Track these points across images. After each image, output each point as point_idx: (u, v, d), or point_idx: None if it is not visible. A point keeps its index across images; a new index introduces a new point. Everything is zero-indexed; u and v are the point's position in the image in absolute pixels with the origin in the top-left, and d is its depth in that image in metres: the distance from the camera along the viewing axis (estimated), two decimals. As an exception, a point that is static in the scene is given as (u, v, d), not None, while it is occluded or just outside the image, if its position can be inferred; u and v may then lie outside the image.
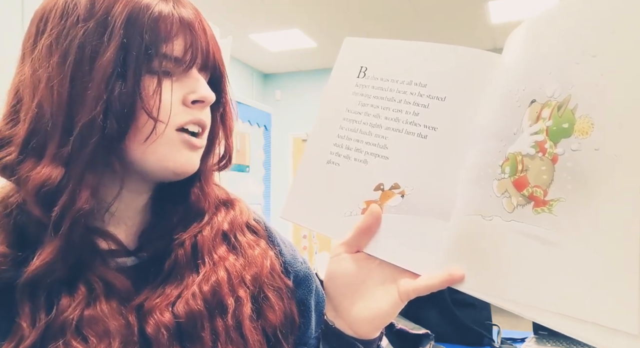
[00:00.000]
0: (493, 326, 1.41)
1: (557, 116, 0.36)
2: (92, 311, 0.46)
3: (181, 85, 0.50)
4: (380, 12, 4.28)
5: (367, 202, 0.53)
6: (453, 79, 0.51)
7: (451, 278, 0.44)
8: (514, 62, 0.43)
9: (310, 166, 0.57)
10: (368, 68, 0.57)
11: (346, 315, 0.51)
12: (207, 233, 0.54)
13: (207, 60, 0.52)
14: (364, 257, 0.51)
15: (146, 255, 0.53)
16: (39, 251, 0.45)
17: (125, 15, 0.46)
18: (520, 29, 0.44)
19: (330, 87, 0.58)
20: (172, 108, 0.48)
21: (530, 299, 0.37)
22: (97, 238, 0.49)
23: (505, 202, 0.40)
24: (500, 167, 0.41)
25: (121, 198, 0.51)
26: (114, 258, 0.51)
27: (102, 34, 0.46)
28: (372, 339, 0.52)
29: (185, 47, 0.49)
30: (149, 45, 0.46)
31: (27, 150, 0.46)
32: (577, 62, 0.35)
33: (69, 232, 0.45)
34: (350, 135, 0.55)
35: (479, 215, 0.43)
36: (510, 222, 0.39)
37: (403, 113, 0.53)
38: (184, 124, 0.50)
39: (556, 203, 0.35)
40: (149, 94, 0.47)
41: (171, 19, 0.47)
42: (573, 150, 0.35)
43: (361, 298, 0.50)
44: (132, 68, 0.45)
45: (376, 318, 0.50)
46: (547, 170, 0.36)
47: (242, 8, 4.23)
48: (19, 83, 0.48)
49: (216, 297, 0.50)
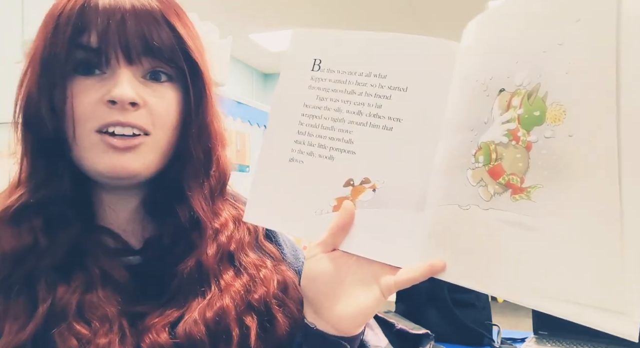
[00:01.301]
0: (493, 326, 1.43)
1: (528, 104, 0.37)
2: (90, 296, 0.47)
3: (104, 83, 0.48)
4: (379, 12, 4.28)
5: (338, 199, 0.52)
6: (413, 69, 0.51)
7: (432, 268, 0.44)
8: (479, 51, 0.44)
9: (271, 165, 0.55)
10: (322, 60, 0.55)
11: (328, 315, 0.50)
12: (211, 252, 0.53)
13: (130, 51, 0.48)
14: (340, 255, 0.50)
15: (151, 254, 0.53)
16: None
17: (56, 12, 0.48)
18: (482, 17, 0.44)
19: (283, 82, 0.56)
20: (91, 109, 0.47)
21: (513, 283, 0.38)
22: (103, 236, 0.52)
23: (481, 191, 0.41)
24: (474, 156, 0.42)
25: (110, 200, 0.53)
26: (119, 257, 0.51)
27: (44, 35, 0.48)
28: (355, 335, 0.52)
29: (99, 38, 0.47)
30: (71, 39, 0.47)
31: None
32: (544, 50, 0.36)
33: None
34: (312, 131, 0.53)
35: (455, 205, 0.43)
36: (488, 210, 0.40)
37: (365, 106, 0.52)
38: (101, 127, 0.48)
39: (534, 190, 0.36)
40: (72, 94, 0.47)
41: (88, 8, 0.47)
42: (546, 137, 0.35)
43: (342, 296, 0.50)
44: (56, 67, 0.47)
45: (359, 314, 0.50)
46: (522, 158, 0.37)
47: (242, 8, 4.17)
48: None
49: (221, 325, 0.49)
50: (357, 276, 0.50)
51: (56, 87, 0.47)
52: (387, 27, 4.80)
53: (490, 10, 0.44)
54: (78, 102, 0.47)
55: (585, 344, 1.32)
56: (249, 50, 5.28)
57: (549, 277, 0.35)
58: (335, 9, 4.27)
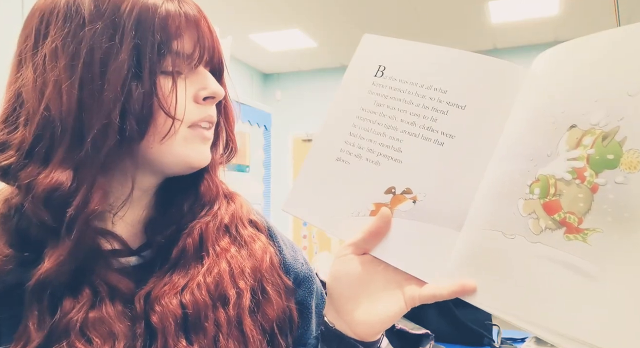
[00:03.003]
0: (493, 326, 1.42)
1: (602, 146, 0.36)
2: (96, 313, 0.45)
3: (191, 82, 0.50)
4: (380, 12, 4.24)
5: (377, 204, 0.51)
6: (475, 88, 0.50)
7: (462, 289, 0.44)
8: (553, 83, 0.43)
9: (317, 161, 0.55)
10: (387, 68, 0.55)
11: (348, 317, 0.50)
12: (212, 224, 0.54)
13: (214, 56, 0.53)
14: (370, 260, 0.50)
15: (149, 253, 0.52)
16: (48, 253, 0.44)
17: (135, 16, 0.45)
18: (562, 48, 0.43)
19: (345, 84, 0.56)
20: (186, 105, 0.49)
21: (553, 322, 0.37)
22: (101, 239, 0.49)
23: (531, 223, 0.40)
24: (529, 187, 0.41)
25: (131, 198, 0.51)
26: (117, 258, 0.50)
27: (112, 36, 0.45)
28: (373, 341, 0.51)
29: (194, 44, 0.49)
30: (161, 44, 0.46)
31: (32, 155, 0.45)
32: (630, 94, 0.35)
33: (79, 234, 0.44)
34: (363, 135, 0.53)
35: (499, 232, 0.43)
36: (536, 243, 0.39)
37: (420, 117, 0.51)
38: (197, 122, 0.51)
39: (592, 233, 0.36)
40: (165, 94, 0.47)
41: (178, 16, 0.48)
42: (617, 183, 0.35)
43: (365, 301, 0.50)
44: (147, 68, 0.45)
45: (379, 321, 0.49)
46: (584, 198, 0.36)
47: (242, 8, 4.14)
48: (20, 88, 0.46)
49: (219, 289, 0.51)
50: (383, 283, 0.50)
51: (149, 87, 0.46)
52: (390, 31, 4.78)
53: (571, 43, 0.43)
54: (171, 101, 0.47)
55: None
56: (249, 50, 5.25)
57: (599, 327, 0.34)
58: (336, 12, 4.25)
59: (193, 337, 0.48)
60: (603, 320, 0.34)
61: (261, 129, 2.69)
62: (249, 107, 2.59)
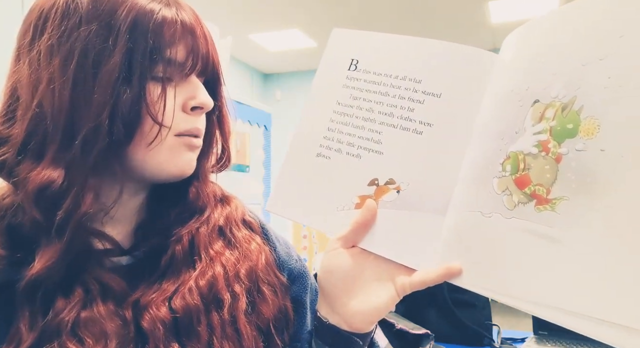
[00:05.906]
0: (493, 326, 1.42)
1: (562, 116, 0.37)
2: (88, 313, 0.46)
3: (181, 90, 0.50)
4: (380, 12, 4.29)
5: (361, 197, 0.52)
6: (449, 76, 0.51)
7: (448, 272, 0.45)
8: (516, 62, 0.44)
9: (298, 159, 0.56)
10: (359, 61, 0.56)
11: (342, 310, 0.51)
12: (203, 229, 0.54)
13: (207, 65, 0.52)
14: (359, 252, 0.51)
15: (141, 253, 0.52)
16: (39, 254, 0.45)
17: (131, 20, 0.45)
18: (522, 29, 0.45)
19: (318, 79, 0.57)
20: (174, 113, 0.49)
21: (532, 294, 0.38)
22: (92, 239, 0.49)
23: (506, 200, 0.41)
24: (501, 165, 0.42)
25: (120, 200, 0.51)
26: (108, 258, 0.50)
27: (107, 38, 0.45)
28: (367, 333, 0.52)
29: (187, 52, 0.49)
30: (154, 50, 0.46)
31: (26, 151, 0.45)
32: (584, 64, 0.36)
33: (71, 235, 0.45)
34: (342, 129, 0.54)
35: (478, 212, 0.43)
36: (510, 219, 0.40)
37: (397, 108, 0.52)
38: (184, 133, 0.50)
39: (559, 202, 0.36)
40: (153, 100, 0.47)
41: (174, 24, 0.47)
42: (578, 150, 0.35)
43: (358, 293, 0.50)
44: (138, 73, 0.45)
45: (373, 312, 0.50)
46: (550, 169, 0.37)
47: (242, 8, 4.21)
48: (16, 82, 0.47)
49: (212, 292, 0.51)
50: (374, 274, 0.50)
51: (137, 91, 0.46)
52: (389, 31, 4.70)
53: (531, 23, 0.44)
54: (159, 108, 0.47)
55: (585, 344, 1.30)
56: (249, 50, 5.27)
57: (571, 291, 0.35)
58: (336, 12, 4.27)
59: (185, 341, 0.48)
60: (572, 284, 0.34)
61: (261, 128, 2.69)
62: (249, 107, 2.59)
